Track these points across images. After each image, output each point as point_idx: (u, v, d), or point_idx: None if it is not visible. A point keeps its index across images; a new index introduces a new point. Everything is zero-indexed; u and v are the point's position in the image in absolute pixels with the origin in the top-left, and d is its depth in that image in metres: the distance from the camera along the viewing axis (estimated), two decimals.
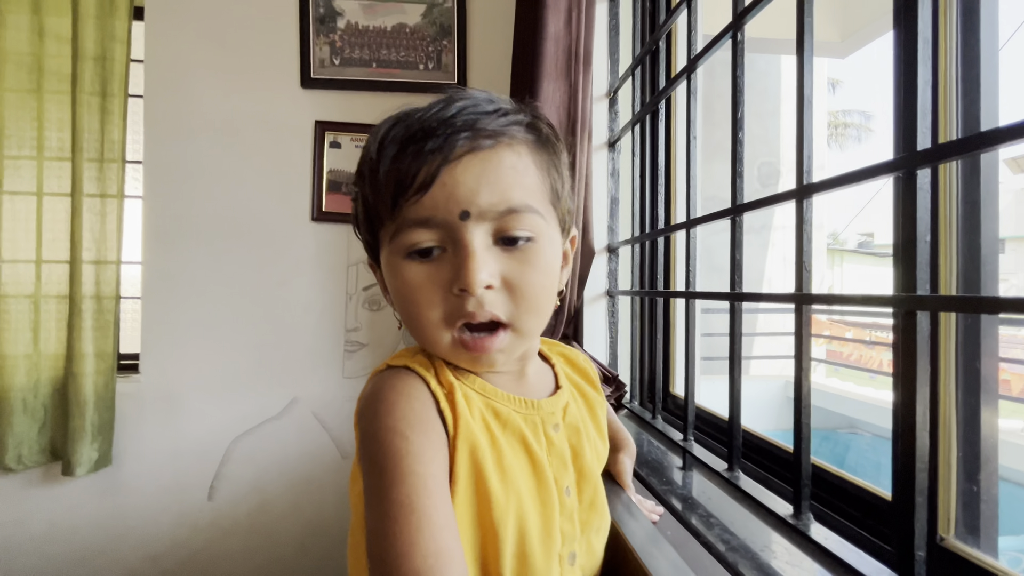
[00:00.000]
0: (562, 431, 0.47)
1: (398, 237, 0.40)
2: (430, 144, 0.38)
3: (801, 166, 0.48)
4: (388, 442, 0.36)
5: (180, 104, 1.40)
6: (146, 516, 1.36)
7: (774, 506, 0.51)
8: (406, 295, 0.40)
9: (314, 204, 1.45)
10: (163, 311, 1.38)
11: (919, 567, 0.38)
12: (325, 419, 1.45)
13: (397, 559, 0.33)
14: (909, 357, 0.38)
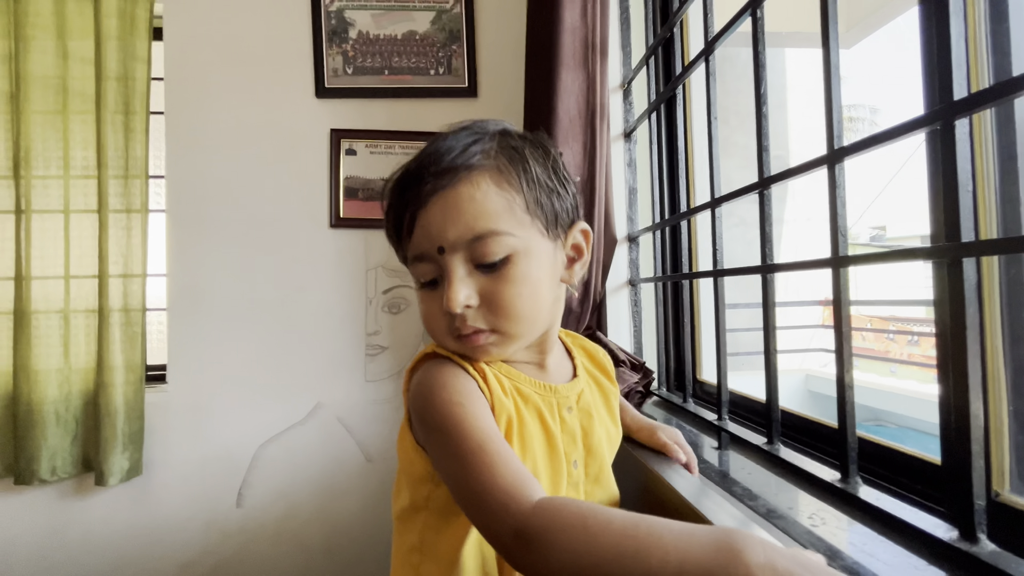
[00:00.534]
0: (575, 413, 0.54)
1: (411, 268, 0.49)
2: (408, 195, 0.47)
3: (831, 130, 0.49)
4: (449, 411, 0.43)
5: (199, 119, 1.44)
6: (177, 524, 1.38)
7: (820, 473, 0.51)
8: (421, 309, 0.50)
9: (332, 211, 1.48)
10: (188, 322, 1.41)
11: (979, 516, 0.37)
12: (349, 423, 1.46)
13: (485, 488, 0.38)
14: (957, 309, 0.37)
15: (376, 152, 1.51)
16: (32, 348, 1.32)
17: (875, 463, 0.54)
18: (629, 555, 0.32)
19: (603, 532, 0.33)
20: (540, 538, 0.34)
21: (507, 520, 0.36)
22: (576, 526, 0.34)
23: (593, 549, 0.33)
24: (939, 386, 0.45)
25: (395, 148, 1.51)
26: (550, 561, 0.34)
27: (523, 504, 0.36)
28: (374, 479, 1.45)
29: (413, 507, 0.49)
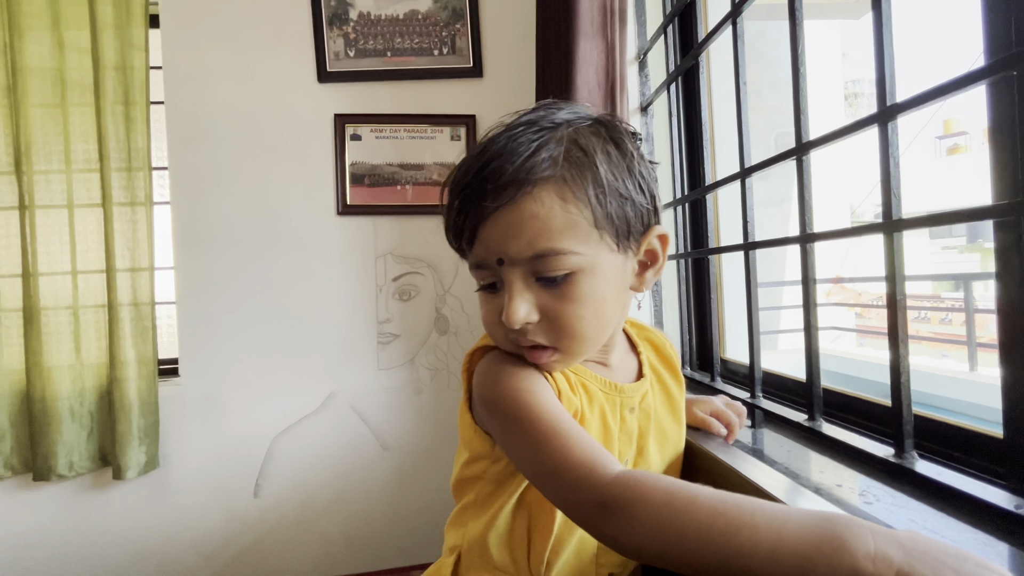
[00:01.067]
0: (636, 414, 0.53)
1: (471, 271, 0.48)
2: (468, 207, 0.44)
3: (883, 86, 0.46)
4: (517, 398, 0.43)
5: (200, 108, 1.40)
6: (195, 515, 1.38)
7: (871, 449, 0.49)
8: (482, 316, 0.49)
9: (338, 198, 1.45)
10: (198, 314, 1.39)
11: None
12: (363, 412, 1.45)
13: (563, 464, 0.38)
14: (1020, 271, 0.35)
15: (382, 136, 1.48)
16: (43, 345, 1.31)
17: (927, 439, 0.52)
18: (717, 532, 0.30)
19: (689, 507, 0.32)
20: (623, 509, 0.34)
21: (588, 491, 0.36)
22: (660, 499, 0.33)
23: (678, 523, 0.32)
24: (1001, 353, 0.42)
25: (400, 132, 1.48)
26: (634, 532, 0.33)
27: (604, 475, 0.36)
28: (390, 467, 1.45)
29: (473, 477, 0.52)
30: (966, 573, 0.26)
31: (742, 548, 0.29)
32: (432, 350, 1.48)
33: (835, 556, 0.28)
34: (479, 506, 0.51)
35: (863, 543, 0.28)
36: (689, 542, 0.31)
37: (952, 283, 7.07)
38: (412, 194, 1.48)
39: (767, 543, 0.29)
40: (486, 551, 0.50)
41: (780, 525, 0.29)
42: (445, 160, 1.48)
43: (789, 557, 0.29)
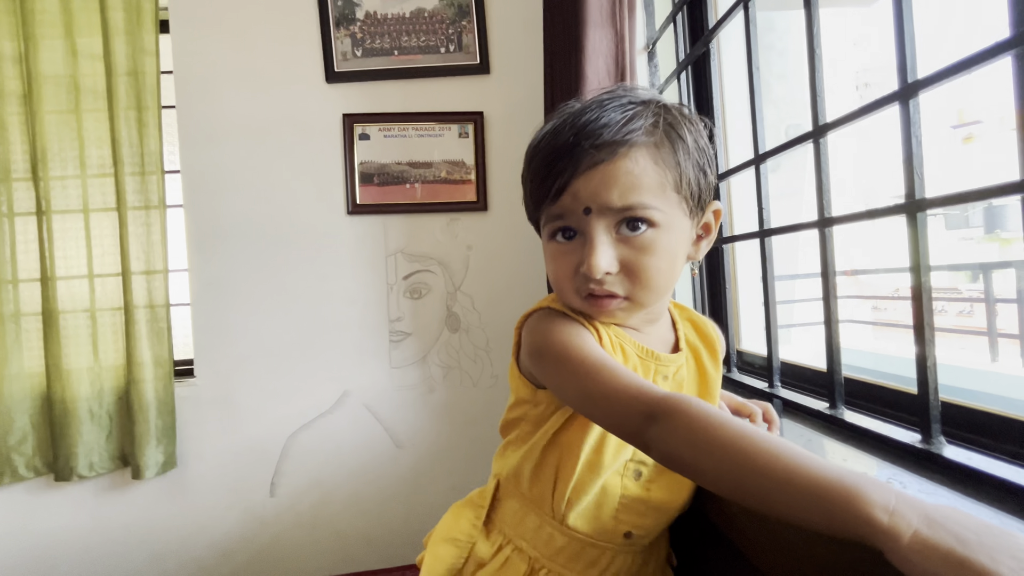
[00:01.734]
0: (669, 382, 0.55)
1: (546, 224, 0.51)
2: (561, 164, 0.47)
3: (904, 63, 0.44)
4: (566, 344, 0.47)
5: (211, 111, 1.42)
6: (214, 514, 1.39)
7: (897, 436, 0.48)
8: (550, 266, 0.51)
9: (348, 197, 1.46)
10: (212, 315, 1.41)
11: None
12: (377, 410, 1.46)
13: (614, 388, 0.42)
14: None
15: (390, 136, 1.48)
16: (62, 347, 1.34)
17: (953, 425, 0.51)
18: (739, 451, 0.34)
19: (721, 426, 0.35)
20: (667, 417, 0.38)
21: (639, 404, 0.40)
22: (698, 415, 0.37)
23: (708, 437, 0.35)
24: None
25: (408, 130, 1.48)
26: (671, 438, 0.37)
27: (654, 393, 0.40)
28: (404, 465, 1.45)
29: (516, 418, 0.57)
30: (990, 540, 0.25)
31: (757, 469, 0.32)
32: (444, 348, 1.48)
33: (850, 500, 0.28)
34: (519, 442, 0.56)
35: (882, 497, 0.28)
36: (715, 456, 0.35)
37: (969, 275, 6.93)
38: (421, 192, 1.48)
39: (782, 470, 0.31)
40: (520, 480, 0.55)
41: (800, 462, 0.31)
42: (453, 157, 1.48)
43: (802, 489, 0.30)
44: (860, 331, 5.49)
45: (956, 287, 6.28)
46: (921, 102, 0.45)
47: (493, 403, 1.47)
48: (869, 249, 7.85)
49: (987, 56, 0.38)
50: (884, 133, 0.48)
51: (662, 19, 1.03)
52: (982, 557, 0.24)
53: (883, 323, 5.72)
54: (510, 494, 0.57)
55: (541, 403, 0.54)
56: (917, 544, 0.26)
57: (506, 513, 0.56)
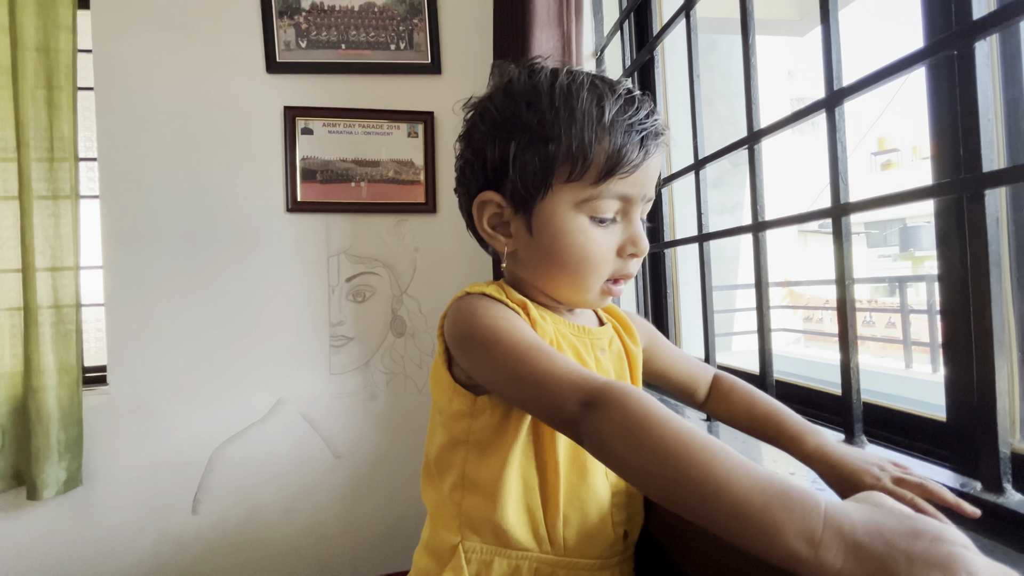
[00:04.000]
0: (608, 355, 0.54)
1: (592, 201, 0.46)
2: (649, 142, 0.46)
3: (830, 72, 0.46)
4: (495, 325, 0.43)
5: (135, 95, 1.31)
6: (125, 536, 1.26)
7: None
8: (586, 251, 0.47)
9: (288, 194, 1.38)
10: (129, 317, 1.29)
11: (1004, 466, 0.36)
12: (314, 419, 1.38)
13: (549, 373, 0.38)
14: (979, 246, 0.35)
15: (335, 131, 1.42)
16: None
17: (875, 425, 0.53)
18: (673, 454, 0.31)
19: (660, 424, 0.33)
20: (605, 406, 0.35)
21: (576, 392, 0.37)
22: (638, 408, 0.34)
23: (644, 435, 0.32)
24: (944, 337, 0.43)
25: (355, 127, 1.43)
26: (607, 429, 0.34)
27: (593, 380, 0.37)
28: (343, 476, 1.38)
29: (452, 443, 0.49)
30: (918, 553, 0.23)
31: (688, 478, 0.30)
32: (388, 353, 1.43)
33: (776, 529, 0.26)
34: (472, 480, 0.48)
35: (808, 525, 0.26)
36: (645, 455, 0.32)
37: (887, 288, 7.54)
38: (367, 191, 1.43)
39: (713, 484, 0.29)
40: (499, 520, 0.47)
41: (733, 476, 0.29)
42: (402, 157, 1.44)
43: (730, 510, 0.28)
44: (792, 339, 5.85)
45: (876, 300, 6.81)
46: (846, 111, 0.47)
47: None
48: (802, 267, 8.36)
49: (906, 64, 0.40)
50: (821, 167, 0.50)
51: (610, 26, 1.05)
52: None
53: (813, 332, 6.11)
54: (488, 552, 0.48)
55: (484, 411, 0.47)
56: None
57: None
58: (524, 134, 0.45)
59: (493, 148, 0.47)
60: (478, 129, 0.49)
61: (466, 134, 0.51)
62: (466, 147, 0.51)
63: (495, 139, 0.47)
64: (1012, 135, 0.39)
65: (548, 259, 0.48)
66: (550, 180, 0.45)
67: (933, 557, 0.23)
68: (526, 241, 0.48)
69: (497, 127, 0.47)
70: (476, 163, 0.49)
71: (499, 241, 0.50)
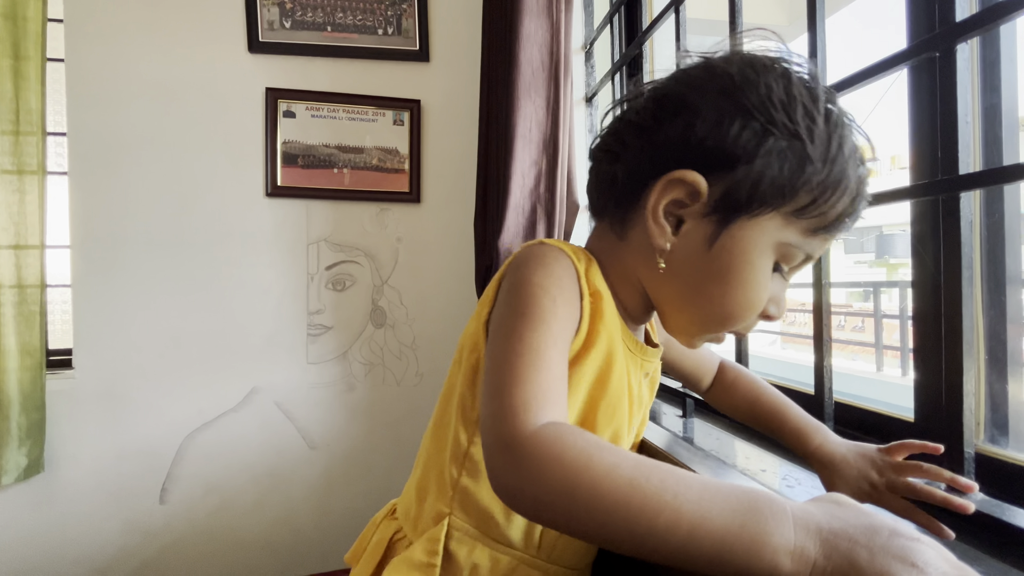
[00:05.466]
0: (646, 384, 0.50)
1: (792, 248, 0.38)
2: (863, 207, 0.38)
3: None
4: (535, 296, 0.38)
5: (108, 68, 1.26)
6: (88, 525, 1.23)
7: None
8: (748, 293, 0.39)
9: (268, 178, 1.35)
10: (97, 299, 1.24)
11: (968, 465, 0.36)
12: (289, 409, 1.36)
13: (510, 387, 0.34)
14: (952, 248, 0.36)
15: (318, 116, 1.39)
16: None
17: (847, 425, 0.54)
18: (634, 508, 0.27)
19: (607, 476, 0.28)
20: (531, 460, 0.30)
21: (504, 427, 0.31)
22: (578, 462, 0.29)
23: (590, 492, 0.28)
24: (915, 340, 0.43)
25: (339, 112, 1.40)
26: (536, 489, 0.29)
27: (530, 418, 0.32)
28: (318, 467, 1.36)
29: (463, 416, 0.45)
30: (878, 547, 0.25)
31: (656, 529, 0.27)
32: (367, 344, 1.41)
33: (758, 551, 0.26)
34: (476, 463, 0.44)
35: (784, 537, 0.26)
36: (599, 514, 0.28)
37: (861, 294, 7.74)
38: (350, 178, 1.40)
39: (687, 526, 0.26)
40: (490, 519, 0.43)
41: (705, 508, 0.27)
42: (387, 145, 1.42)
43: (706, 542, 0.26)
44: (768, 340, 5.97)
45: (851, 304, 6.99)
46: None
47: (417, 403, 1.42)
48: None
49: (889, 65, 0.40)
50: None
51: (600, 19, 1.04)
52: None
53: (789, 334, 6.25)
54: (471, 535, 0.44)
55: None
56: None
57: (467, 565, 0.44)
58: (785, 133, 0.35)
59: (726, 123, 0.35)
60: (700, 88, 0.37)
61: (675, 85, 0.39)
62: (664, 100, 0.38)
63: (734, 114, 0.35)
64: (988, 141, 0.40)
65: (705, 285, 0.39)
66: (781, 202, 0.36)
67: (892, 549, 0.25)
68: (695, 251, 0.38)
69: (740, 100, 0.35)
70: (679, 126, 0.37)
71: (664, 234, 0.38)
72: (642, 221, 0.39)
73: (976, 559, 0.33)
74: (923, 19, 0.41)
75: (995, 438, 0.41)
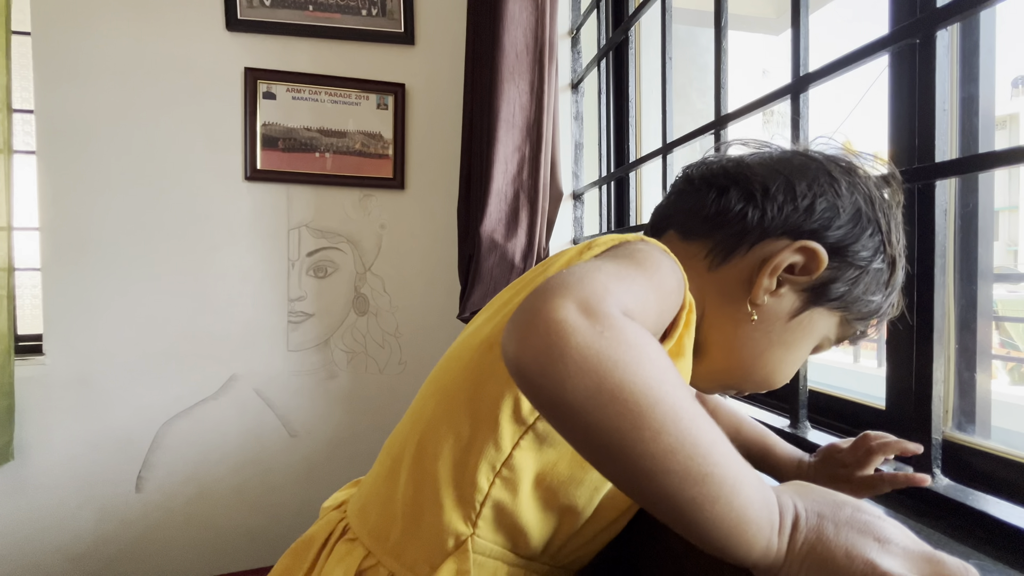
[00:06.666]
0: None
1: (833, 340, 0.42)
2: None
3: (797, 60, 0.46)
4: (659, 259, 0.34)
5: (77, 43, 1.21)
6: (62, 514, 1.20)
7: (770, 420, 0.50)
8: (787, 368, 0.41)
9: (247, 161, 1.32)
10: (69, 283, 1.21)
11: (935, 452, 0.37)
12: (269, 396, 1.34)
13: (598, 274, 0.28)
14: (926, 236, 0.36)
15: (300, 98, 1.36)
16: None
17: (820, 412, 0.54)
18: (684, 437, 0.24)
19: (677, 394, 0.25)
20: (614, 331, 0.25)
21: (584, 291, 0.26)
22: (660, 362, 0.25)
23: (656, 399, 0.24)
24: (888, 329, 0.44)
25: (321, 94, 1.37)
26: (602, 365, 0.24)
27: (612, 301, 0.27)
28: (299, 455, 1.35)
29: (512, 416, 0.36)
30: (843, 521, 0.26)
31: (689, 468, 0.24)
32: (349, 331, 1.39)
33: (743, 524, 0.25)
34: (517, 469, 0.36)
35: (772, 509, 0.26)
36: (646, 427, 0.24)
37: None
38: (332, 163, 1.37)
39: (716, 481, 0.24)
40: (520, 534, 0.37)
41: (724, 445, 0.25)
42: (370, 129, 1.39)
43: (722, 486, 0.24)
44: None
45: None
46: (815, 112, 0.47)
47: (400, 391, 1.41)
48: None
49: (870, 51, 0.40)
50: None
51: (587, 4, 1.03)
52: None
53: None
54: (495, 556, 0.37)
55: None
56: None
57: None
58: (888, 259, 0.39)
59: (861, 226, 0.38)
60: (851, 184, 0.39)
61: (827, 166, 0.40)
62: (820, 175, 0.40)
63: (868, 224, 0.39)
64: (965, 131, 0.40)
65: (769, 349, 0.40)
66: (853, 308, 0.39)
67: (856, 523, 0.26)
68: (776, 315, 0.39)
69: (876, 215, 0.39)
70: (824, 204, 0.39)
71: (768, 290, 0.38)
72: (745, 265, 0.39)
73: (940, 543, 0.34)
74: (905, 5, 0.41)
75: (962, 425, 0.42)
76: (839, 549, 0.25)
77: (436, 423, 0.38)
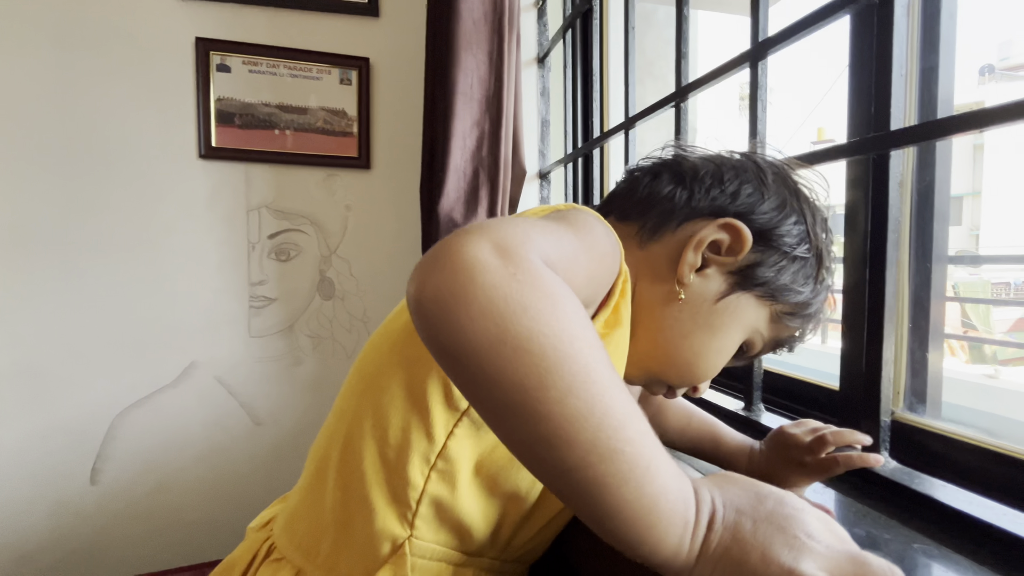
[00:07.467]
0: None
1: (765, 337, 0.41)
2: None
3: (756, 28, 0.43)
4: (591, 222, 0.33)
5: (5, 5, 1.12)
6: (10, 510, 1.15)
7: (724, 403, 0.49)
8: (713, 357, 0.40)
9: (201, 138, 1.25)
10: (8, 268, 1.14)
11: (884, 434, 0.36)
12: (231, 384, 1.29)
13: (527, 231, 0.25)
14: (879, 206, 0.34)
15: (256, 71, 1.29)
16: None
17: (776, 394, 0.53)
18: (595, 399, 0.22)
19: (592, 354, 0.22)
20: (528, 276, 0.22)
21: (501, 235, 0.24)
22: (575, 315, 0.23)
23: (567, 353, 0.22)
24: (843, 310, 0.43)
25: (280, 68, 1.30)
26: (514, 311, 0.21)
27: (532, 248, 0.24)
28: (264, 443, 1.31)
29: (443, 404, 0.33)
30: (762, 517, 0.24)
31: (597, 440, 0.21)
32: (315, 316, 1.35)
33: (652, 518, 0.23)
34: (452, 461, 0.34)
35: (689, 504, 0.24)
36: (558, 380, 0.21)
37: None
38: (292, 141, 1.31)
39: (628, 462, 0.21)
40: (465, 531, 0.35)
41: (657, 455, 0.23)
42: (333, 106, 1.33)
43: (627, 492, 0.22)
44: None
45: None
46: (788, 94, 0.45)
47: None
48: None
49: (829, 12, 0.38)
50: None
51: None
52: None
53: None
54: (436, 557, 0.35)
55: None
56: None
57: None
58: (813, 249, 0.39)
59: (786, 212, 0.39)
60: (778, 174, 0.40)
61: (754, 159, 0.41)
62: (745, 165, 0.40)
63: (793, 211, 0.39)
64: (925, 103, 0.39)
65: (694, 332, 0.38)
66: (780, 299, 0.39)
67: (776, 518, 0.24)
68: (701, 297, 0.38)
69: (802, 205, 0.39)
70: (750, 190, 0.39)
71: (692, 268, 0.38)
72: (674, 243, 0.39)
73: (886, 526, 0.33)
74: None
75: (913, 406, 0.42)
76: (755, 551, 0.23)
77: (360, 418, 0.35)
